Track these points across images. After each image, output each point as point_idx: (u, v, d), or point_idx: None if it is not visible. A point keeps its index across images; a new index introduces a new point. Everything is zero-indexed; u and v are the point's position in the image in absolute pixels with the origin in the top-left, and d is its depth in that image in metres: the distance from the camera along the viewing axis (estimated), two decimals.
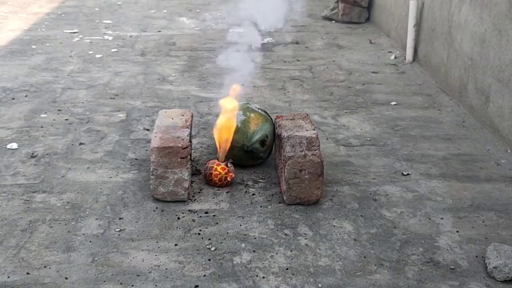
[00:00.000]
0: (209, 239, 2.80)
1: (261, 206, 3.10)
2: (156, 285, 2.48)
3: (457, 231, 2.91)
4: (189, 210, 3.04)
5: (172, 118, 3.35)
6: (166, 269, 2.58)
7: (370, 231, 2.90)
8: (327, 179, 3.35)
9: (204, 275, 2.54)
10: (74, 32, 6.65)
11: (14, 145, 3.72)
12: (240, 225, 2.92)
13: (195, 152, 3.68)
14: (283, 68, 5.53)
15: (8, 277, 2.50)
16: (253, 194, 3.22)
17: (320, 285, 2.50)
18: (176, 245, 2.75)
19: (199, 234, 2.84)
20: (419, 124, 4.24)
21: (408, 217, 3.03)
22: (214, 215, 3.00)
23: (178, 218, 2.97)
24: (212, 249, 2.72)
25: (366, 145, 3.87)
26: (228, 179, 3.25)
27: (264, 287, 2.48)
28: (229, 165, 3.28)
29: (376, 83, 5.14)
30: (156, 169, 3.05)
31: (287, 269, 2.60)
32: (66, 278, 2.50)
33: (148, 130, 4.02)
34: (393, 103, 4.65)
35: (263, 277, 2.54)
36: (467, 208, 3.13)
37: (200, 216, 2.99)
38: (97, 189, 3.23)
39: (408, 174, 3.48)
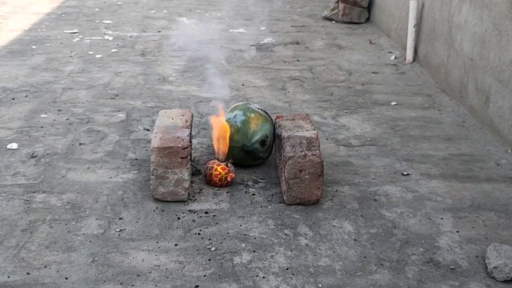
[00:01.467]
0: (209, 239, 2.80)
1: (261, 206, 3.10)
2: (156, 285, 2.48)
3: (457, 231, 2.91)
4: (189, 210, 3.04)
5: (172, 118, 3.35)
6: (166, 269, 2.58)
7: (370, 231, 2.90)
8: (327, 179, 3.35)
9: (204, 275, 2.54)
10: (74, 32, 6.66)
11: (14, 145, 3.72)
12: (240, 225, 2.92)
13: (195, 152, 3.68)
14: (283, 68, 5.53)
15: (8, 277, 2.50)
16: (253, 194, 3.22)
17: (320, 285, 2.50)
18: (176, 245, 2.75)
19: (199, 234, 2.84)
20: (419, 124, 4.24)
21: (408, 217, 3.03)
22: (214, 215, 3.00)
23: (178, 218, 2.97)
24: (212, 249, 2.72)
25: (366, 145, 3.87)
26: (228, 179, 3.25)
27: (264, 287, 2.48)
28: (229, 165, 3.28)
29: (376, 83, 5.14)
30: (156, 169, 3.05)
31: (287, 269, 2.60)
32: (66, 278, 2.50)
33: (148, 130, 4.02)
34: (393, 103, 4.65)
35: (263, 277, 2.54)
36: (467, 208, 3.13)
37: (200, 216, 2.99)
38: (97, 189, 3.23)
39: (408, 174, 3.48)
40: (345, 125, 4.19)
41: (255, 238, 2.81)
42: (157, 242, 2.77)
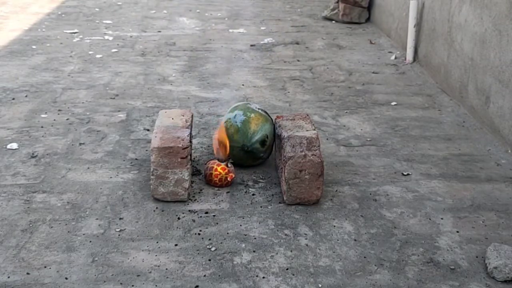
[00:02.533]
0: (209, 239, 2.80)
1: (261, 206, 3.10)
2: (156, 285, 2.48)
3: (457, 231, 2.91)
4: (189, 210, 3.04)
5: (172, 118, 3.35)
6: (166, 269, 2.58)
7: (370, 231, 2.90)
8: (327, 179, 3.35)
9: (204, 275, 2.54)
10: (74, 32, 6.66)
11: (14, 145, 3.72)
12: (240, 225, 2.92)
13: (195, 152, 3.68)
14: (283, 68, 5.53)
15: (8, 277, 2.50)
16: (253, 194, 3.21)
17: (320, 285, 2.50)
18: (176, 245, 2.75)
19: (199, 234, 2.84)
20: (420, 124, 4.24)
21: (408, 217, 3.03)
22: (214, 215, 3.00)
23: (178, 218, 2.97)
24: (212, 249, 2.72)
25: (366, 145, 3.87)
26: (228, 179, 3.25)
27: (264, 287, 2.48)
28: (229, 165, 3.28)
29: (376, 83, 5.14)
30: (156, 169, 3.05)
31: (287, 269, 2.60)
32: (66, 278, 2.50)
33: (148, 130, 4.02)
34: (393, 103, 4.65)
35: (263, 277, 2.54)
36: (467, 208, 3.13)
37: (200, 216, 2.99)
38: (97, 189, 3.23)
39: (408, 174, 3.48)
40: (345, 125, 4.19)
41: (255, 238, 2.81)
42: (157, 242, 2.77)
